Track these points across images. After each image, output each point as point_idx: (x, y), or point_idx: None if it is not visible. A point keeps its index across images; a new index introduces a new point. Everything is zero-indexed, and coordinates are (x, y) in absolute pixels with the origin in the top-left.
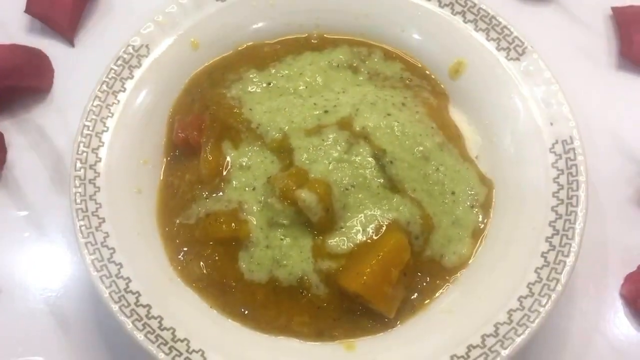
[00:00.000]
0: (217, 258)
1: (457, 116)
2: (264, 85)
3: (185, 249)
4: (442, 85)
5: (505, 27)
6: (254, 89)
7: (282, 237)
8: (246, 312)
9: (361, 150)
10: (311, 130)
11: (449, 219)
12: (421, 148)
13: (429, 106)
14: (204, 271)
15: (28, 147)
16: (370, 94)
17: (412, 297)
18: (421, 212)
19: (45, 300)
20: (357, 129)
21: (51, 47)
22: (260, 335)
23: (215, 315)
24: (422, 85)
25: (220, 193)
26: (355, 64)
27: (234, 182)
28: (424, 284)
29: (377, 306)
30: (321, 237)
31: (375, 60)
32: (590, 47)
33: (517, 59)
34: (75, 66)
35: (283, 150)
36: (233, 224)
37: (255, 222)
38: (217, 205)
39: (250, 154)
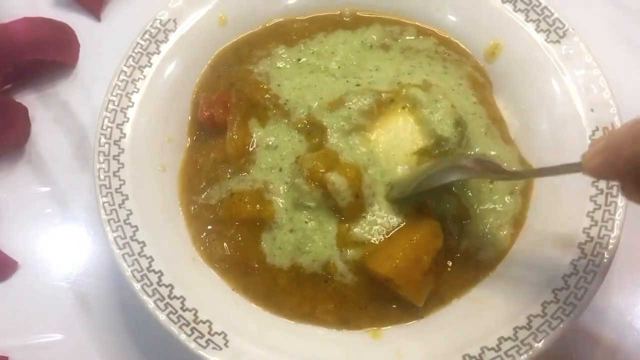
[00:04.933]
0: (240, 239)
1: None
2: (294, 61)
3: (208, 228)
4: (480, 64)
5: (545, 7)
6: (282, 65)
7: (307, 220)
8: (269, 297)
9: None
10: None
11: (485, 207)
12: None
13: (475, 80)
14: (227, 252)
15: (52, 122)
16: (404, 64)
17: (442, 287)
18: (457, 201)
19: (66, 277)
20: None
21: (77, 22)
22: (284, 320)
23: (238, 297)
24: (462, 60)
25: (245, 173)
26: (387, 43)
27: (260, 162)
28: (455, 274)
29: (407, 293)
30: (347, 224)
31: (407, 38)
32: (632, 32)
33: (558, 41)
34: (102, 41)
35: (312, 129)
36: (258, 205)
37: (280, 204)
38: (241, 185)
39: (277, 132)
